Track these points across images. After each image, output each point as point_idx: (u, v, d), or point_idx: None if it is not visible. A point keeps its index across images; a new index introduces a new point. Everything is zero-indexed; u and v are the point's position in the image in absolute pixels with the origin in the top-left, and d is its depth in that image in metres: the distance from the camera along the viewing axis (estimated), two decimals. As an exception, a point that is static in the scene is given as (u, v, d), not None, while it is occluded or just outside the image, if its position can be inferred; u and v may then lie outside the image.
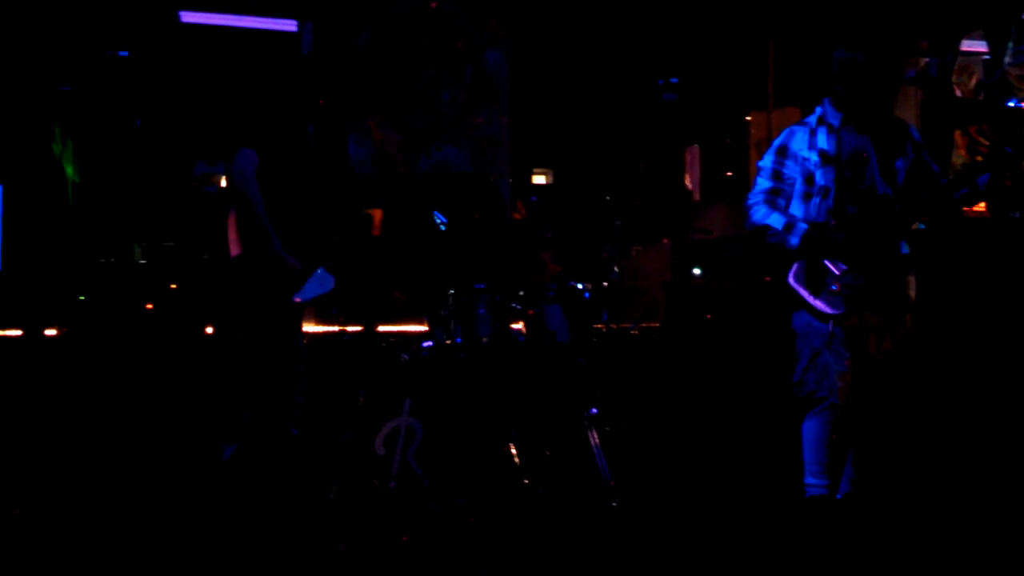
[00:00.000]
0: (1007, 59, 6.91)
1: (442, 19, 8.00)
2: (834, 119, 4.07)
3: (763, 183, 4.17)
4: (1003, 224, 6.45)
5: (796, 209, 4.09)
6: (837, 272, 3.97)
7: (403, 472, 4.34)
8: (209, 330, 5.60)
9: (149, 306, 6.21)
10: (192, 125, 7.67)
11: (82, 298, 6.28)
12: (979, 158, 6.96)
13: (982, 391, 5.17)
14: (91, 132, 7.37)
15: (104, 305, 6.30)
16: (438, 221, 5.21)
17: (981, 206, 7.53)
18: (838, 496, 4.11)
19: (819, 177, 4.04)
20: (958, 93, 7.39)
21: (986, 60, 7.23)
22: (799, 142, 4.12)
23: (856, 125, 4.04)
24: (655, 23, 8.41)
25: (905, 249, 4.05)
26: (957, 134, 7.25)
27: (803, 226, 4.02)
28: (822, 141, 4.06)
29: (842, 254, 3.97)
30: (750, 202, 4.19)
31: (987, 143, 7.07)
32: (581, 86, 8.89)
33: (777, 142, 4.20)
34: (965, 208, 6.96)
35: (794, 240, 4.03)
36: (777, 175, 4.15)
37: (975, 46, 7.51)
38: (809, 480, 4.08)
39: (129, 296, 6.33)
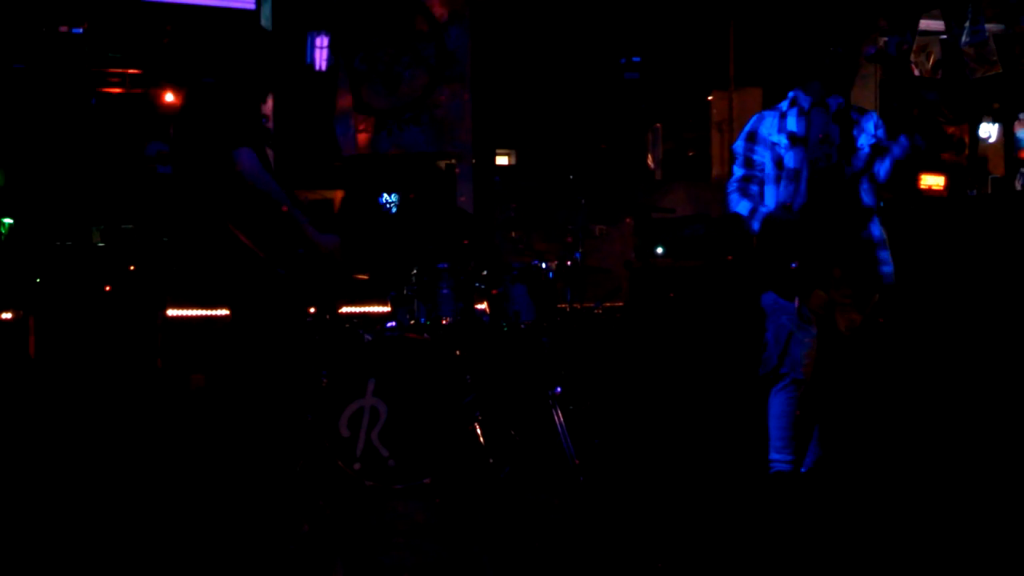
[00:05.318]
0: (963, 38, 6.98)
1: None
2: (805, 101, 4.10)
3: (736, 171, 4.23)
4: (960, 203, 6.53)
5: (769, 193, 4.13)
6: (798, 252, 4.00)
7: (368, 453, 4.32)
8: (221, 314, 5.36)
9: (107, 288, 6.12)
10: (146, 104, 7.54)
11: (38, 281, 6.17)
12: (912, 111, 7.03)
13: (944, 368, 5.24)
14: (45, 111, 7.22)
15: (62, 288, 6.19)
16: (387, 203, 5.17)
17: (939, 186, 7.62)
18: (802, 471, 4.16)
19: (788, 160, 4.06)
20: (916, 72, 7.46)
21: (944, 39, 7.29)
22: (768, 127, 4.15)
23: (825, 107, 4.07)
24: (617, 1, 8.40)
25: (876, 228, 4.08)
26: (915, 112, 7.32)
27: (763, 211, 4.07)
28: (792, 123, 4.08)
29: (800, 235, 4.00)
30: (727, 190, 4.25)
31: (946, 118, 7.15)
32: (543, 65, 8.85)
33: (747, 128, 4.23)
34: (923, 188, 7.05)
35: (755, 225, 4.08)
36: (748, 162, 4.19)
37: (933, 25, 7.57)
38: (774, 456, 4.12)
39: (87, 279, 6.23)
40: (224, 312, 4.04)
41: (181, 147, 3.98)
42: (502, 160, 10.03)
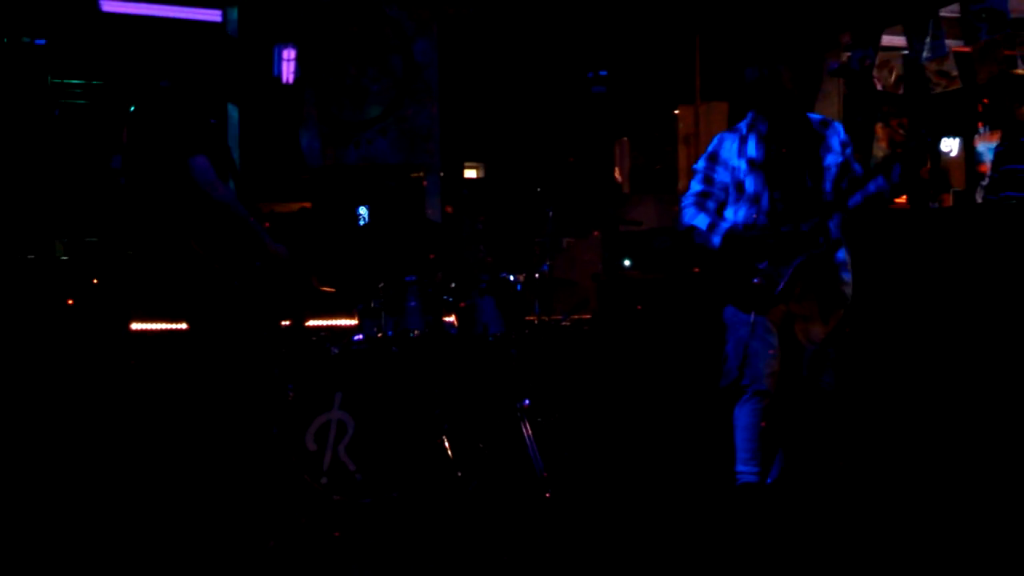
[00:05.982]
0: (925, 54, 7.07)
1: (370, 8, 7.93)
2: (763, 126, 4.13)
3: (695, 186, 4.26)
4: (922, 215, 6.60)
5: (729, 214, 4.16)
6: (759, 267, 4.03)
7: (335, 467, 4.29)
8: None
9: (70, 302, 6.04)
10: (111, 116, 7.48)
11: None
12: (899, 150, 7.11)
13: (908, 378, 5.29)
14: (6, 122, 7.14)
15: (24, 303, 6.11)
16: (354, 216, 5.16)
17: (902, 199, 7.69)
18: (768, 482, 4.18)
19: (749, 185, 4.09)
20: (879, 87, 7.55)
21: (906, 55, 7.39)
22: (728, 150, 4.18)
23: (785, 128, 4.10)
24: (585, 16, 8.44)
25: (841, 251, 4.10)
26: (878, 127, 7.41)
27: (724, 226, 4.10)
28: (751, 149, 4.11)
29: (761, 251, 4.03)
30: (682, 204, 4.28)
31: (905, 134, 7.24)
32: (511, 79, 8.88)
33: (709, 148, 4.28)
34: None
35: (716, 239, 4.11)
36: (708, 179, 4.23)
37: (896, 41, 7.67)
38: (740, 468, 4.14)
39: (50, 293, 6.15)
40: (184, 325, 4.01)
41: (134, 153, 3.92)
42: (470, 173, 10.04)
